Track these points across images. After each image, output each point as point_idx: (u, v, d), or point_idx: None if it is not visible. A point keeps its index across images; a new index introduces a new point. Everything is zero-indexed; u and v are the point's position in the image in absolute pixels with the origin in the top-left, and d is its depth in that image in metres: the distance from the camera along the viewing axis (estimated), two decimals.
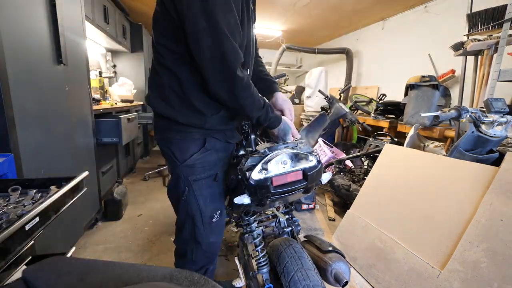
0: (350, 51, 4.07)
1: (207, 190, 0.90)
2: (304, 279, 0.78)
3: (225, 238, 1.87)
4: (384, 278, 1.35)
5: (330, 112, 2.69)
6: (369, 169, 2.27)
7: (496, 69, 1.66)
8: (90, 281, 0.33)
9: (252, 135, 1.03)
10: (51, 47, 1.30)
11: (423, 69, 2.95)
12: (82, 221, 1.68)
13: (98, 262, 0.38)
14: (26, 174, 1.06)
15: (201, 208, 0.89)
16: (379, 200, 1.64)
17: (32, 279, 0.32)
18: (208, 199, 0.90)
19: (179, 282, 0.35)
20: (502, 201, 1.15)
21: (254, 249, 0.98)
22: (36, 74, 1.18)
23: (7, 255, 0.47)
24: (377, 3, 3.04)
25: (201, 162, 0.87)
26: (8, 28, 0.99)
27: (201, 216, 0.90)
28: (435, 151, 1.87)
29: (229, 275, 1.48)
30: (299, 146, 0.84)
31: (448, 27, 2.74)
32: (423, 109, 2.19)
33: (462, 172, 1.36)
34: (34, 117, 1.15)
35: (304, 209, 2.30)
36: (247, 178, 0.76)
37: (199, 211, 0.90)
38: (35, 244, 0.79)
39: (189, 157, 0.86)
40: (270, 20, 3.83)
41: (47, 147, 1.25)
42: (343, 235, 1.70)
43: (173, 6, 0.72)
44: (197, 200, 0.88)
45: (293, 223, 1.14)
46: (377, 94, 3.62)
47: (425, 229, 1.33)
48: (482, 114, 1.39)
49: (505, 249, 1.06)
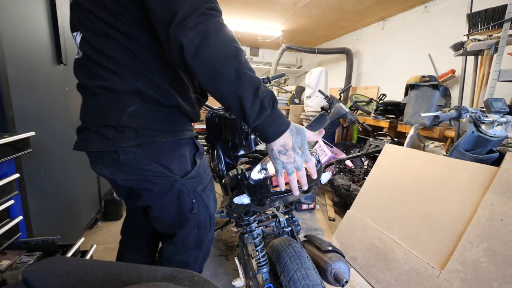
0: (350, 51, 4.07)
1: (212, 193, 0.83)
2: (304, 279, 0.78)
3: (225, 238, 1.87)
4: (384, 278, 1.35)
5: (330, 112, 2.69)
6: (369, 169, 2.27)
7: (496, 69, 1.66)
8: (90, 281, 0.33)
9: (252, 135, 1.02)
10: (51, 47, 1.30)
11: (423, 69, 2.95)
12: (82, 221, 1.68)
13: (98, 262, 0.38)
14: (26, 174, 1.06)
15: (211, 213, 0.82)
16: (379, 200, 1.64)
17: (32, 279, 0.32)
18: (213, 202, 0.84)
19: (179, 282, 0.35)
20: (502, 201, 1.15)
21: (254, 249, 0.98)
22: (36, 74, 1.18)
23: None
24: (377, 3, 3.04)
25: (203, 169, 0.77)
26: (8, 28, 0.99)
27: (211, 221, 0.83)
28: (435, 151, 1.87)
29: (229, 275, 1.48)
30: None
31: (448, 27, 2.73)
32: (423, 109, 2.19)
33: (462, 172, 1.36)
34: (34, 117, 1.15)
35: (304, 209, 2.30)
36: (246, 177, 0.76)
37: (209, 217, 0.82)
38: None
39: (191, 167, 0.72)
40: (270, 20, 3.83)
41: (46, 147, 1.25)
42: (343, 235, 1.70)
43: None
44: (208, 207, 0.80)
45: (293, 223, 1.14)
46: (377, 94, 3.62)
47: (425, 229, 1.33)
48: (482, 114, 1.39)
49: (505, 249, 1.06)
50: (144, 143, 0.63)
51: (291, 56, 5.82)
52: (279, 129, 0.55)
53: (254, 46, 5.51)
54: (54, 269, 0.35)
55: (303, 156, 0.59)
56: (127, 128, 0.62)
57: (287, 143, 0.56)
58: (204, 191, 0.77)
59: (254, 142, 1.57)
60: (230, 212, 1.13)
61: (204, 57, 0.50)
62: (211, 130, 1.61)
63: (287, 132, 0.56)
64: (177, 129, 0.69)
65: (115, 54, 0.60)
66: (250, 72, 0.53)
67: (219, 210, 1.30)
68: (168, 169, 0.68)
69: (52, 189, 1.28)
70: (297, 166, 0.59)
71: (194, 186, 0.74)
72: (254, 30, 4.24)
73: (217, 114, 1.56)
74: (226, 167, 1.54)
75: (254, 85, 0.52)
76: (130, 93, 0.62)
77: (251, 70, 0.53)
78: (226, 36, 0.52)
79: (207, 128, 1.63)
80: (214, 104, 1.59)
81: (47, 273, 0.34)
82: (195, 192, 0.74)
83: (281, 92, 4.59)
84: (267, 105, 0.53)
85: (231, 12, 3.54)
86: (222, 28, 0.52)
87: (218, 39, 0.51)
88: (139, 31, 0.60)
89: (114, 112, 0.62)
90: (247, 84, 0.51)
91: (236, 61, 0.51)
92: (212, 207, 0.82)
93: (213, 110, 1.55)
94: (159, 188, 0.70)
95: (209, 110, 1.57)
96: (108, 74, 0.61)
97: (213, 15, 0.52)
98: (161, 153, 0.66)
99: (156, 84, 0.63)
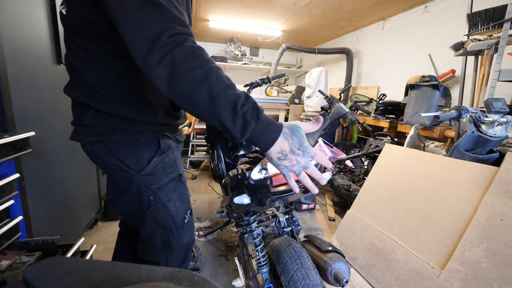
0: (350, 51, 4.07)
1: (174, 194, 0.81)
2: (304, 279, 0.78)
3: (225, 238, 1.87)
4: (384, 278, 1.35)
5: (330, 112, 2.69)
6: (369, 169, 2.27)
7: (496, 69, 1.66)
8: (90, 281, 0.33)
9: None
10: (51, 47, 1.30)
11: (423, 69, 2.94)
12: (82, 221, 1.68)
13: (98, 262, 0.38)
14: (26, 174, 1.06)
15: (173, 214, 0.81)
16: (379, 200, 1.64)
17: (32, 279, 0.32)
18: (178, 202, 0.82)
19: (179, 282, 0.35)
20: (502, 201, 1.15)
21: (254, 249, 0.98)
22: (36, 74, 1.18)
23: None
24: (377, 3, 3.03)
25: (162, 167, 0.77)
26: (8, 28, 0.99)
27: (174, 222, 0.82)
28: (435, 151, 1.87)
29: (229, 275, 1.48)
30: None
31: (448, 27, 2.73)
32: (423, 109, 2.18)
33: (462, 172, 1.36)
34: (34, 117, 1.15)
35: (304, 209, 2.30)
36: (246, 177, 0.76)
37: (171, 218, 0.81)
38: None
39: (146, 164, 0.74)
40: (270, 20, 3.83)
41: (47, 147, 1.25)
42: (343, 235, 1.70)
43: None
44: (166, 207, 0.79)
45: (293, 223, 1.14)
46: (377, 94, 3.62)
47: (425, 229, 1.33)
48: (482, 114, 1.39)
49: (505, 249, 1.06)
50: (103, 140, 0.71)
51: (291, 56, 5.82)
52: (269, 138, 0.54)
53: (254, 46, 5.51)
54: (54, 269, 0.34)
55: (305, 155, 0.57)
56: (90, 127, 0.71)
57: (283, 148, 0.55)
58: (161, 189, 0.78)
59: None
60: (230, 212, 1.14)
61: (177, 89, 0.51)
62: (211, 130, 1.61)
63: (280, 137, 0.54)
64: (136, 129, 0.72)
65: (76, 67, 0.68)
66: (225, 90, 0.52)
67: (219, 210, 1.30)
68: (124, 164, 0.73)
69: (52, 189, 1.28)
70: (303, 166, 0.57)
71: (150, 183, 0.76)
72: (254, 30, 4.24)
73: None
74: (226, 167, 1.54)
75: (231, 103, 0.51)
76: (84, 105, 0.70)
77: (228, 86, 0.53)
78: (193, 61, 0.51)
79: (207, 128, 1.63)
80: None
81: (47, 273, 0.34)
82: (151, 189, 0.76)
83: (281, 92, 4.59)
84: (250, 118, 0.52)
85: (231, 12, 3.54)
86: (188, 53, 0.51)
87: (186, 67, 0.51)
88: (99, 48, 0.65)
89: (79, 113, 0.72)
90: (223, 105, 0.51)
91: (207, 84, 0.51)
92: (172, 207, 0.80)
93: None
94: (122, 182, 0.77)
95: None
96: (71, 84, 0.72)
97: (176, 42, 0.51)
98: (119, 149, 0.72)
99: (110, 101, 0.68)
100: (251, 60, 5.37)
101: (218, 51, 5.19)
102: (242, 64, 4.98)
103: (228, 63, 4.91)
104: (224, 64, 4.89)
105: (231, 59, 5.03)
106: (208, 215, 2.25)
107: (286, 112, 4.09)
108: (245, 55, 5.12)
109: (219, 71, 0.53)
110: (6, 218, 0.93)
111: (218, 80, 0.52)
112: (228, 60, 4.95)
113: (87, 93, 0.69)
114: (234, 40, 4.89)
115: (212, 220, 2.14)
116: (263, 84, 1.60)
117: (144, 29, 0.51)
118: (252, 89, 1.56)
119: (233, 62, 4.99)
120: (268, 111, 3.97)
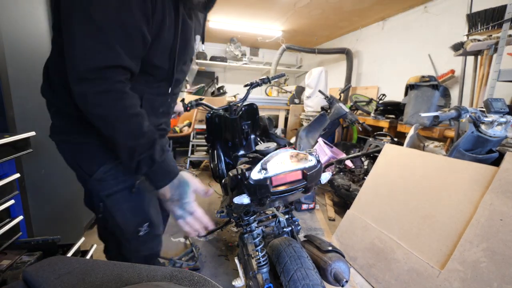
0: (350, 51, 4.07)
1: (125, 204, 0.77)
2: (304, 278, 0.78)
3: (225, 238, 1.87)
4: (384, 278, 1.35)
5: (330, 112, 2.69)
6: (369, 169, 2.27)
7: (496, 69, 1.66)
8: (90, 281, 0.33)
9: (252, 135, 1.02)
10: (51, 47, 1.30)
11: (423, 69, 2.95)
12: (83, 221, 1.68)
13: (98, 262, 0.38)
14: (26, 174, 1.06)
15: (121, 225, 0.77)
16: (379, 200, 1.64)
17: (32, 279, 0.32)
18: (129, 214, 0.77)
19: (179, 282, 0.35)
20: (501, 201, 1.16)
21: (254, 249, 0.98)
22: (37, 74, 1.18)
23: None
24: (377, 3, 3.04)
25: (112, 174, 0.73)
26: (9, 28, 0.99)
27: (123, 233, 0.79)
28: (435, 151, 1.87)
29: (229, 275, 1.48)
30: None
31: (448, 27, 2.73)
32: (423, 109, 2.19)
33: (462, 172, 1.36)
34: (34, 116, 1.15)
35: (304, 209, 2.30)
36: (246, 177, 0.76)
37: (119, 228, 0.78)
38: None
39: (96, 169, 0.72)
40: (270, 20, 3.83)
41: (47, 147, 1.25)
42: (343, 235, 1.70)
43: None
44: (114, 217, 0.76)
45: (293, 223, 1.14)
46: (377, 94, 3.62)
47: (425, 229, 1.33)
48: (482, 114, 1.39)
49: (505, 249, 1.06)
50: (65, 140, 0.74)
51: (291, 56, 5.82)
52: (157, 184, 0.68)
53: (254, 46, 5.51)
54: (54, 269, 0.35)
55: (182, 208, 0.70)
56: (54, 125, 0.74)
57: (165, 194, 0.69)
58: (109, 197, 0.74)
59: (254, 142, 1.57)
60: (230, 212, 1.14)
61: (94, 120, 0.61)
62: (211, 130, 1.61)
63: (168, 185, 0.68)
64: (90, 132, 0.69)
65: (47, 62, 0.75)
66: (128, 139, 0.62)
67: (219, 210, 1.30)
68: (79, 166, 0.75)
69: (52, 189, 1.28)
70: (178, 215, 0.70)
71: (99, 190, 0.74)
72: (254, 30, 4.24)
73: (217, 114, 1.55)
74: (226, 167, 1.54)
75: (129, 151, 0.63)
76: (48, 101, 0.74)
77: (135, 136, 0.63)
78: (103, 107, 0.59)
79: (207, 128, 1.62)
80: (214, 104, 1.59)
81: (47, 273, 0.34)
82: (99, 196, 0.75)
83: (281, 92, 4.59)
84: (144, 165, 0.64)
85: (231, 12, 3.54)
86: (100, 98, 0.58)
87: (94, 112, 0.60)
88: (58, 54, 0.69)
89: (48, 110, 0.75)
90: (123, 148, 0.63)
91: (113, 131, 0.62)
92: (120, 218, 0.77)
93: (213, 110, 1.53)
94: (81, 181, 0.79)
95: (209, 110, 1.54)
96: (44, 79, 0.76)
97: (93, 84, 0.57)
98: (76, 150, 0.74)
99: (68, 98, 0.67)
100: (251, 60, 5.37)
101: (218, 51, 5.19)
102: (242, 64, 4.99)
103: (228, 63, 4.91)
104: (224, 64, 4.90)
105: (231, 59, 5.03)
106: (208, 215, 2.25)
107: (286, 112, 4.09)
108: (245, 55, 5.12)
109: (138, 118, 0.63)
110: (7, 218, 0.93)
111: (128, 125, 0.62)
112: (228, 60, 4.95)
113: (50, 89, 0.72)
114: (234, 40, 4.89)
115: (212, 220, 2.14)
116: (263, 84, 1.60)
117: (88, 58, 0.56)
118: (252, 89, 1.55)
119: (233, 62, 4.99)
120: (268, 111, 3.96)
